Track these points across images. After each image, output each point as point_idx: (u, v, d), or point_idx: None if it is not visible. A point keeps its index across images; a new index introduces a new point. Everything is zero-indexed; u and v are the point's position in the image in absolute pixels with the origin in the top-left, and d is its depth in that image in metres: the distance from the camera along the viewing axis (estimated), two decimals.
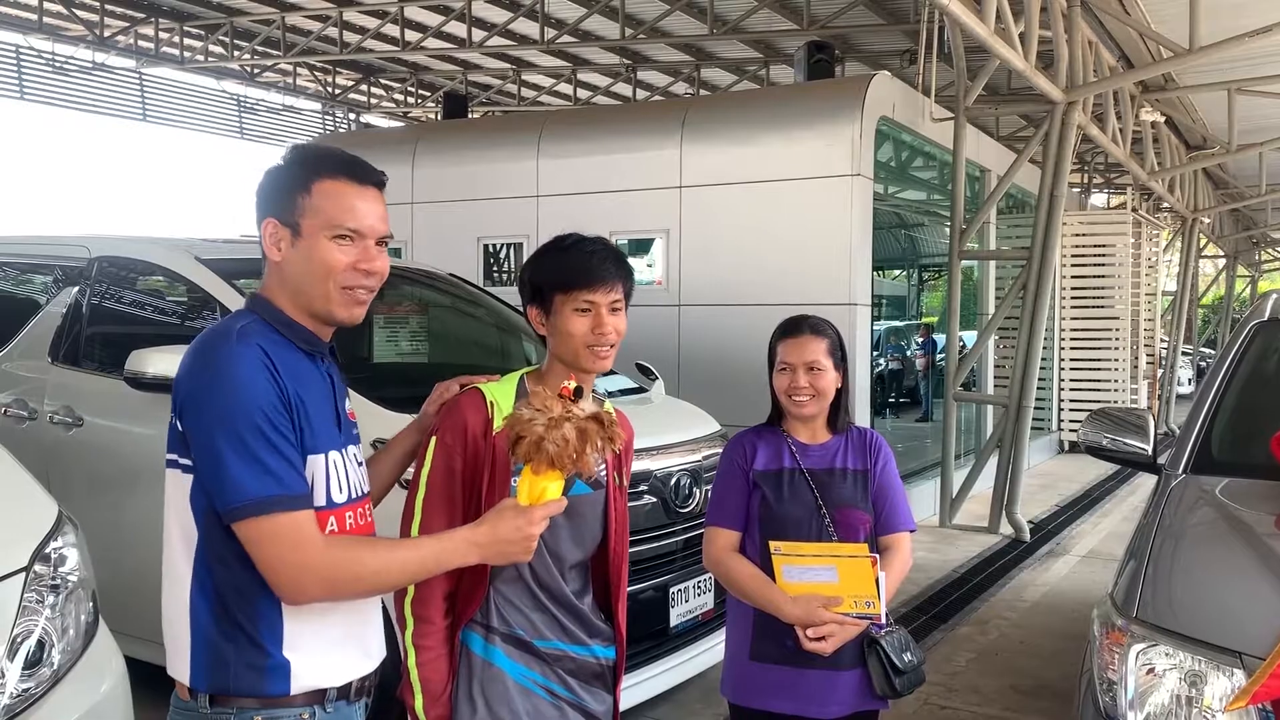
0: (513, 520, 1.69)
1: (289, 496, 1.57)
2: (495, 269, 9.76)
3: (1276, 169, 15.46)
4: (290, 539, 1.56)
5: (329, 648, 1.69)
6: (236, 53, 13.82)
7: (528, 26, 12.41)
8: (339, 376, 1.86)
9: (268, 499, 1.55)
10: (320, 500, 1.66)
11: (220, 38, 13.79)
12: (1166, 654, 2.24)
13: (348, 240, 1.72)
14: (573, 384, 1.82)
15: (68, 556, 2.25)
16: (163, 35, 13.70)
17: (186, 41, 13.88)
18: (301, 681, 1.65)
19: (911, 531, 2.65)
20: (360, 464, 1.82)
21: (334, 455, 1.72)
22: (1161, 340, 16.68)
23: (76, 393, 4.21)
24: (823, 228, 7.89)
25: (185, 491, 1.64)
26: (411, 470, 2.06)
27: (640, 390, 4.88)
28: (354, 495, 1.75)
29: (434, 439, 1.97)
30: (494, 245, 9.66)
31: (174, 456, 1.66)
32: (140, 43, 14.01)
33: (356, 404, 3.63)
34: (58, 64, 14.79)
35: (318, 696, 1.67)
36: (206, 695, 1.63)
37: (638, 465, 3.84)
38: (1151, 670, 2.26)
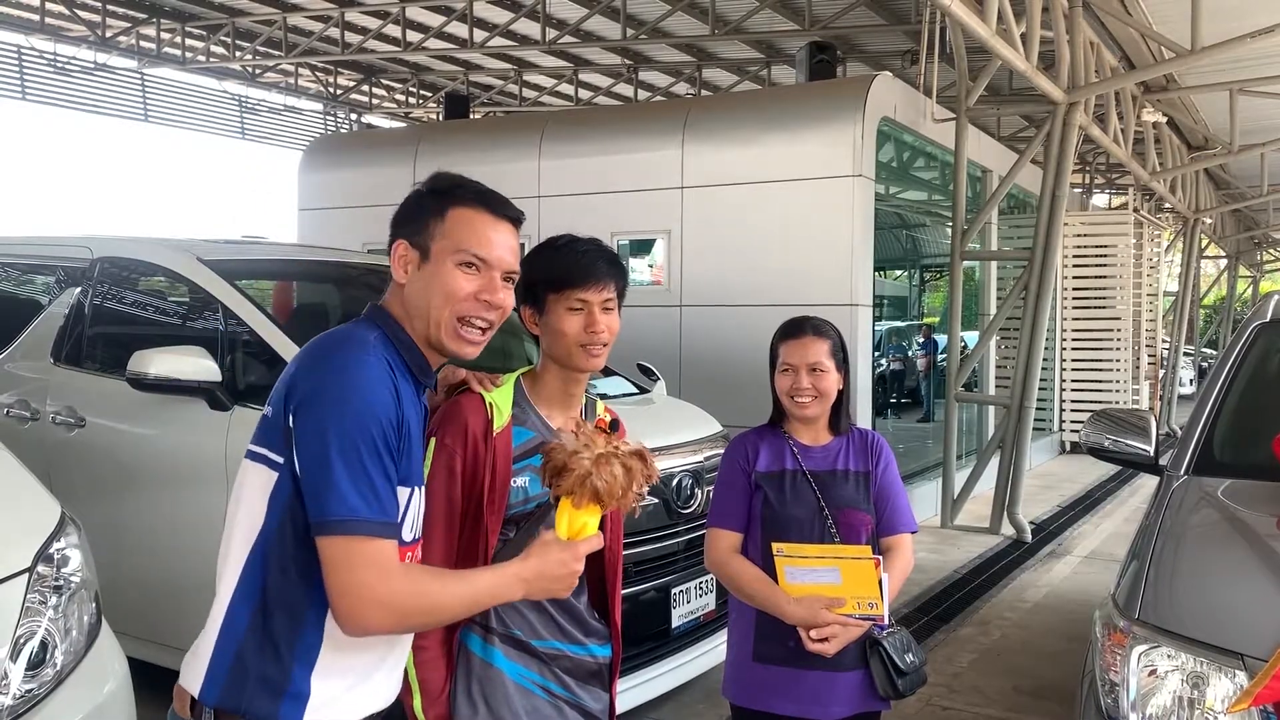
0: (558, 555, 1.67)
1: (387, 524, 1.53)
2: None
3: (1278, 169, 15.46)
4: (377, 567, 1.50)
5: (355, 681, 1.64)
6: (238, 53, 13.83)
7: (529, 27, 12.41)
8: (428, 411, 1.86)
9: (368, 521, 1.51)
10: (406, 535, 1.64)
11: (222, 38, 13.80)
12: (1169, 655, 2.24)
13: (474, 269, 1.71)
14: (609, 416, 1.82)
15: (70, 557, 2.26)
16: (164, 36, 13.71)
17: (188, 42, 13.89)
18: (316, 715, 1.58)
19: (913, 533, 2.66)
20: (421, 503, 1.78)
21: (419, 490, 1.72)
22: (1163, 341, 16.67)
23: (79, 393, 4.21)
24: (824, 228, 7.90)
25: (266, 489, 1.58)
26: None
27: (642, 391, 4.88)
28: (418, 535, 1.74)
29: (433, 440, 1.97)
30: None
31: (263, 450, 1.60)
32: (142, 43, 14.02)
33: None
34: (59, 64, 14.80)
35: None
36: (212, 712, 1.56)
37: None
38: (1153, 672, 2.26)
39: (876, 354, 16.21)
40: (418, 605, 1.56)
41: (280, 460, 1.57)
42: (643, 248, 9.26)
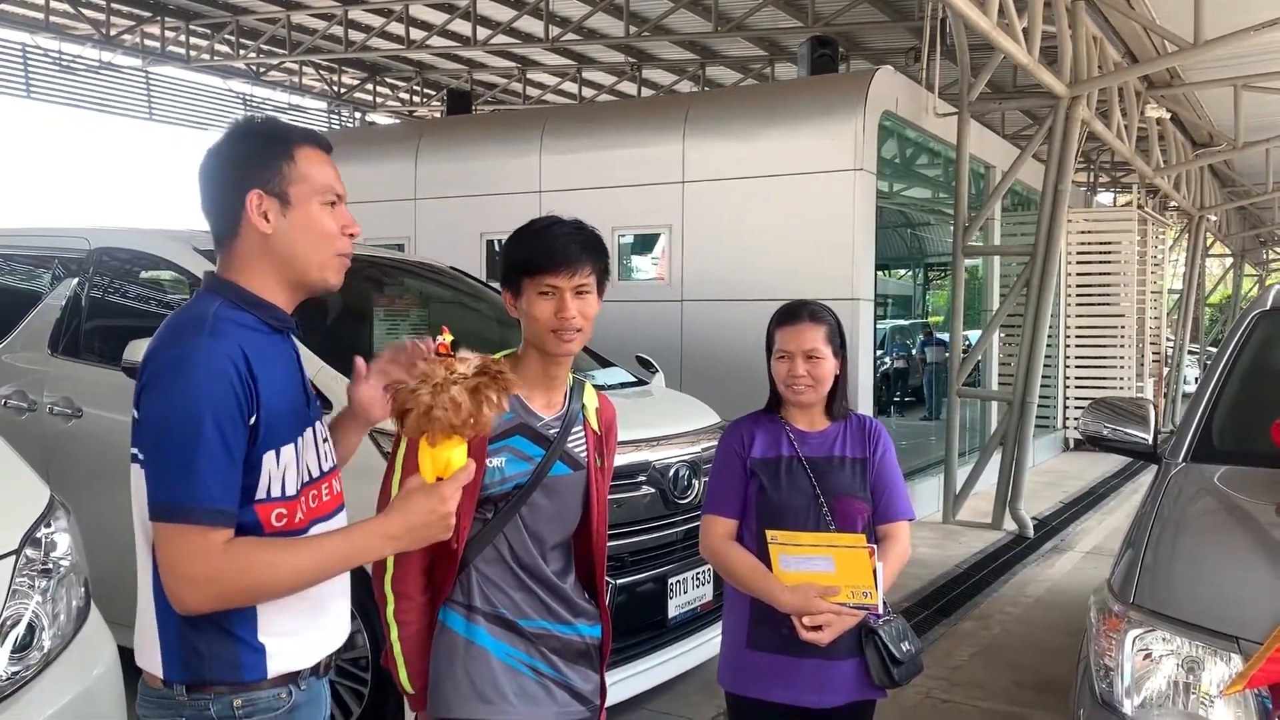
0: (423, 503, 1.61)
1: (211, 510, 1.53)
2: (499, 264, 9.76)
3: None
4: (195, 549, 1.51)
5: (303, 625, 1.68)
6: (242, 51, 13.85)
7: (532, 24, 12.41)
8: (299, 351, 1.82)
9: (190, 508, 1.51)
10: (276, 492, 1.62)
11: (226, 36, 13.82)
12: (1164, 639, 2.23)
13: (333, 206, 1.72)
14: (447, 337, 1.70)
15: (59, 541, 2.25)
16: (169, 34, 13.74)
17: (192, 40, 13.92)
18: (277, 664, 1.64)
19: (910, 520, 2.63)
20: (325, 438, 1.79)
21: (305, 436, 1.69)
22: (1168, 339, 16.61)
23: (76, 384, 4.21)
24: (825, 223, 7.88)
25: (143, 487, 1.60)
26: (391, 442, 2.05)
27: (640, 383, 4.87)
28: (319, 473, 1.73)
29: None
30: (498, 241, 9.66)
31: (136, 449, 1.61)
32: (146, 41, 14.04)
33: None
34: (64, 63, 14.83)
35: (292, 677, 1.67)
36: (184, 687, 1.61)
37: (636, 456, 3.83)
38: (1148, 656, 2.24)
39: (880, 352, 16.18)
40: (243, 583, 1.55)
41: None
42: (644, 243, 9.25)
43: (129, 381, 3.73)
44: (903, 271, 23.87)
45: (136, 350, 3.64)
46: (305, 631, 1.69)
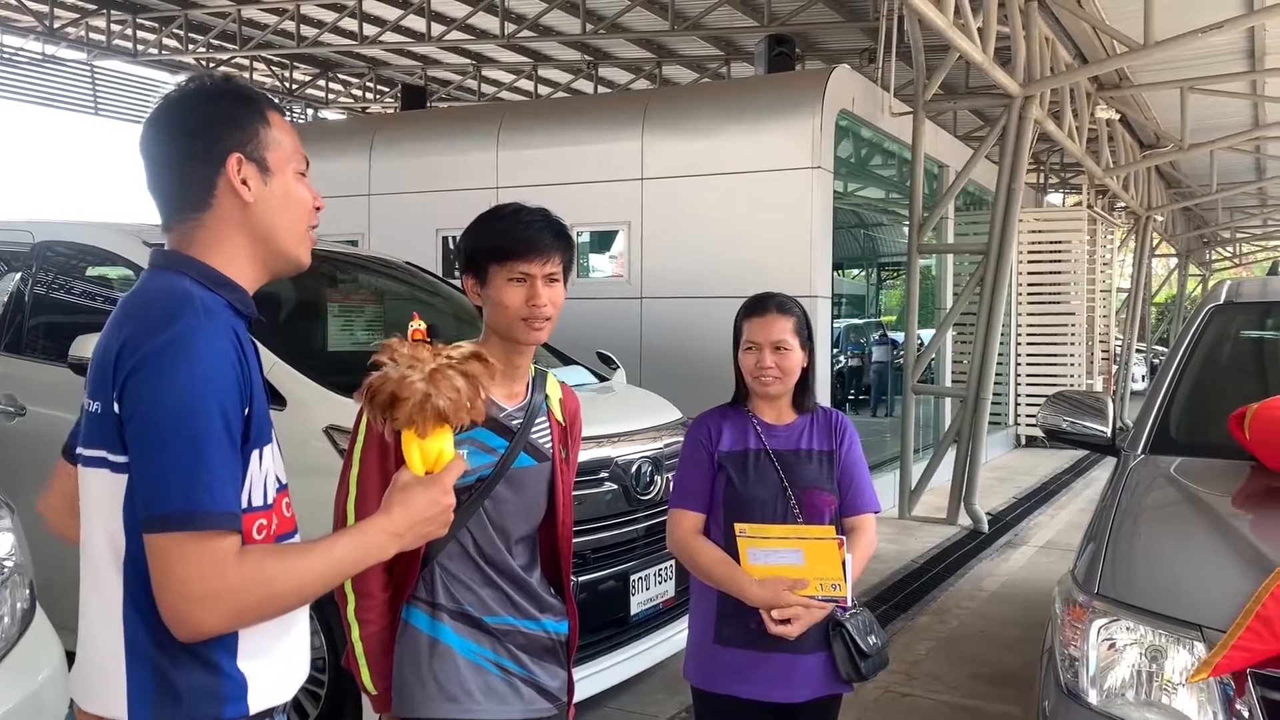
0: (424, 496, 1.50)
1: (227, 514, 1.34)
2: (455, 261, 9.68)
3: (1226, 168, 15.74)
4: (213, 561, 1.31)
5: (275, 645, 1.50)
6: (191, 46, 13.60)
7: (488, 21, 12.32)
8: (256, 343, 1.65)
9: (207, 513, 1.31)
10: (257, 500, 1.44)
11: (175, 30, 13.56)
12: (1128, 629, 2.24)
13: (304, 176, 1.57)
14: (420, 323, 1.61)
15: (2, 542, 2.17)
16: (115, 27, 13.46)
17: (140, 34, 13.64)
18: (257, 700, 1.46)
19: (877, 512, 2.63)
20: (278, 443, 1.59)
21: (268, 449, 1.50)
22: (1116, 337, 16.89)
23: (19, 381, 4.10)
24: (783, 220, 7.90)
25: (116, 498, 1.37)
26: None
27: (601, 379, 4.84)
28: (284, 480, 1.56)
29: (364, 418, 1.91)
30: (453, 237, 9.57)
31: (101, 453, 1.39)
32: (92, 35, 13.75)
33: (311, 392, 3.58)
34: (6, 55, 14.47)
35: (269, 712, 1.50)
36: None
37: (598, 453, 3.80)
38: (1113, 645, 2.25)
39: (835, 350, 16.29)
40: (260, 595, 1.35)
41: (123, 460, 1.37)
42: (603, 239, 9.22)
43: (76, 379, 3.66)
44: (857, 271, 24.03)
45: (84, 346, 3.55)
46: (280, 653, 1.51)
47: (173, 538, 1.30)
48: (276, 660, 1.49)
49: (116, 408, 1.36)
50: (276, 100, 15.57)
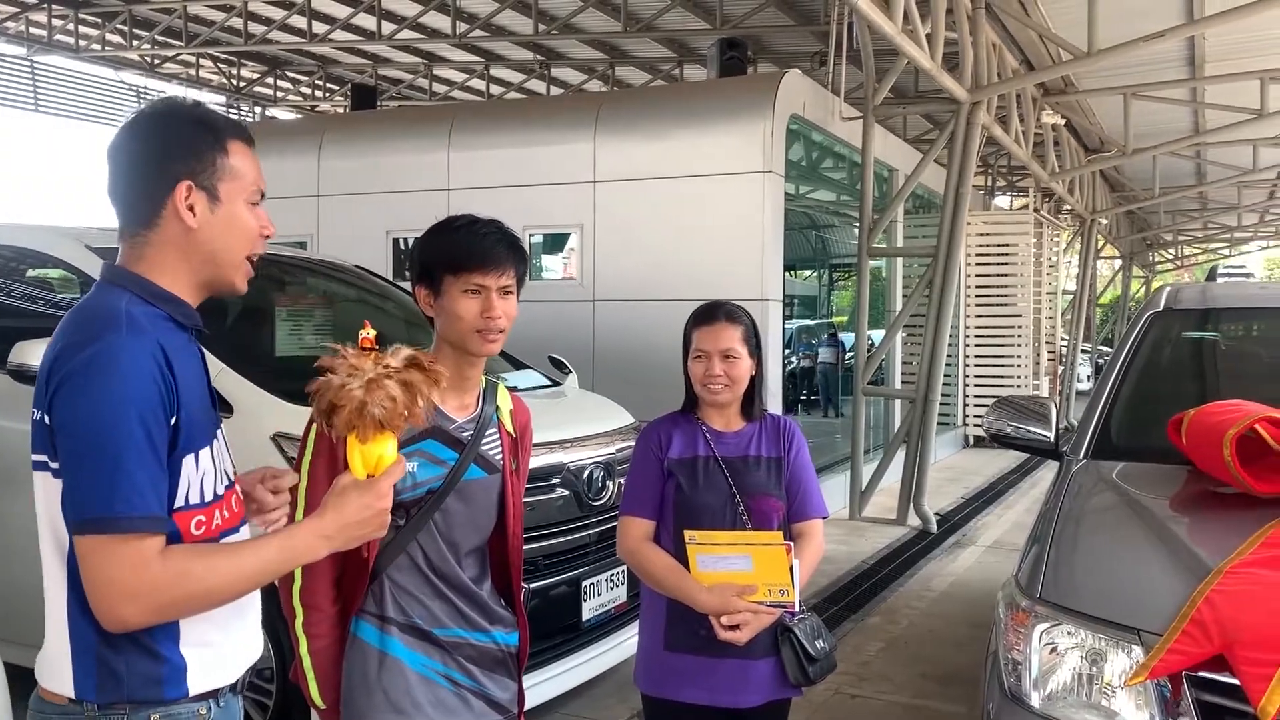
0: (358, 500, 1.56)
1: (147, 517, 1.43)
2: (405, 264, 9.60)
3: (1168, 172, 16.09)
4: (132, 562, 1.41)
5: (220, 637, 1.60)
6: (135, 42, 13.37)
7: (439, 20, 12.25)
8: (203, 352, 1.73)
9: (127, 517, 1.41)
10: (195, 499, 1.54)
11: (118, 26, 13.32)
12: (1069, 633, 2.28)
13: (256, 205, 1.64)
14: (370, 331, 1.66)
15: None
16: (56, 22, 13.18)
17: (82, 30, 13.37)
18: (198, 681, 1.56)
19: (824, 518, 2.66)
20: (226, 444, 1.70)
21: (216, 440, 1.61)
22: (1062, 338, 17.19)
23: None
24: (735, 223, 7.94)
25: (57, 496, 1.47)
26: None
27: (553, 384, 4.84)
28: (229, 481, 1.64)
29: (314, 427, 1.90)
30: (404, 239, 9.50)
31: (43, 458, 1.49)
32: (32, 29, 13.45)
33: (258, 399, 3.54)
34: None
35: (212, 693, 1.59)
36: (95, 705, 1.51)
37: (550, 458, 3.80)
38: (1054, 649, 2.30)
39: (786, 351, 16.40)
40: (182, 592, 1.45)
41: (58, 466, 1.47)
42: (555, 242, 9.20)
43: (14, 385, 3.58)
44: (808, 272, 24.22)
45: (24, 352, 3.48)
46: (224, 643, 1.60)
47: (96, 540, 1.42)
48: (222, 648, 1.60)
49: (47, 419, 1.47)
50: (230, 100, 15.30)
